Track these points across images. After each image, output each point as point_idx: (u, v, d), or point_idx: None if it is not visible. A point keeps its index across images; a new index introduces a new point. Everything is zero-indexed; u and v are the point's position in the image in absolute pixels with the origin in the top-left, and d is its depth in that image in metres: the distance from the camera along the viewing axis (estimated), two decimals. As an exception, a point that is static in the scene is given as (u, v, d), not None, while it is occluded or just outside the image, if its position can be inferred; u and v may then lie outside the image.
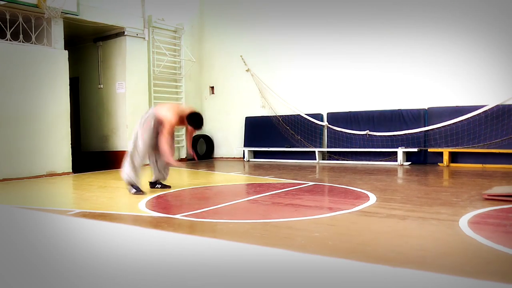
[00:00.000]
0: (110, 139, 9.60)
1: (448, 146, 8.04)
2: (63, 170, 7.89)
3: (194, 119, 5.18)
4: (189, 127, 5.31)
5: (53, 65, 7.80)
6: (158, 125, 5.08)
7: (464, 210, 3.77)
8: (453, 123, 8.01)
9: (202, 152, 11.17)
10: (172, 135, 5.23)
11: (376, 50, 8.82)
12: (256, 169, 8.31)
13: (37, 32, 7.70)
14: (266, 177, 6.70)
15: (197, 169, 8.55)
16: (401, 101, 8.65)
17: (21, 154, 7.29)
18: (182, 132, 10.72)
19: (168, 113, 5.03)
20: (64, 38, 8.06)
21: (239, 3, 10.74)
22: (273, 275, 1.28)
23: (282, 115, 10.11)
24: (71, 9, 7.78)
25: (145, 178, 5.52)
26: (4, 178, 7.02)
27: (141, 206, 4.42)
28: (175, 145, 10.70)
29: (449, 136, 8.06)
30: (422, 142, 8.38)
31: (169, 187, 5.55)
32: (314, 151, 9.42)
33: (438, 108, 8.23)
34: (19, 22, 7.38)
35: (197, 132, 5.16)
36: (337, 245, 2.89)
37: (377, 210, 3.93)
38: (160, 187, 5.50)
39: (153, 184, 5.52)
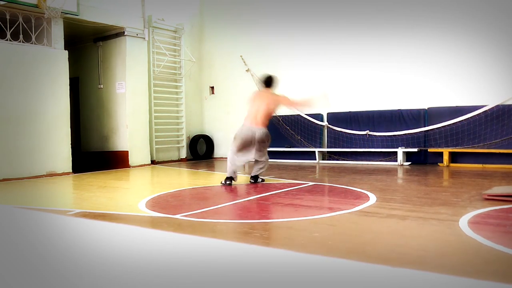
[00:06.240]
0: (110, 139, 9.60)
1: (448, 146, 8.03)
2: (63, 170, 7.89)
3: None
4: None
5: (53, 65, 7.80)
6: None
7: (464, 210, 3.77)
8: (453, 123, 8.01)
9: (202, 152, 11.16)
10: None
11: (376, 50, 8.82)
12: (256, 169, 8.29)
13: (37, 32, 7.70)
14: (266, 177, 6.70)
15: (197, 169, 8.55)
16: (401, 101, 8.65)
17: (21, 154, 7.29)
18: (182, 132, 10.72)
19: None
20: (64, 38, 8.06)
21: (239, 3, 10.73)
22: (273, 275, 1.28)
23: (282, 115, 10.10)
24: (71, 9, 7.78)
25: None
26: (4, 178, 7.02)
27: (141, 206, 4.42)
28: (176, 145, 10.72)
29: (449, 136, 8.05)
30: (422, 142, 8.38)
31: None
32: (314, 151, 9.42)
33: (438, 108, 8.22)
34: (19, 22, 7.38)
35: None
36: (337, 245, 2.88)
37: (377, 210, 3.93)
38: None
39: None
